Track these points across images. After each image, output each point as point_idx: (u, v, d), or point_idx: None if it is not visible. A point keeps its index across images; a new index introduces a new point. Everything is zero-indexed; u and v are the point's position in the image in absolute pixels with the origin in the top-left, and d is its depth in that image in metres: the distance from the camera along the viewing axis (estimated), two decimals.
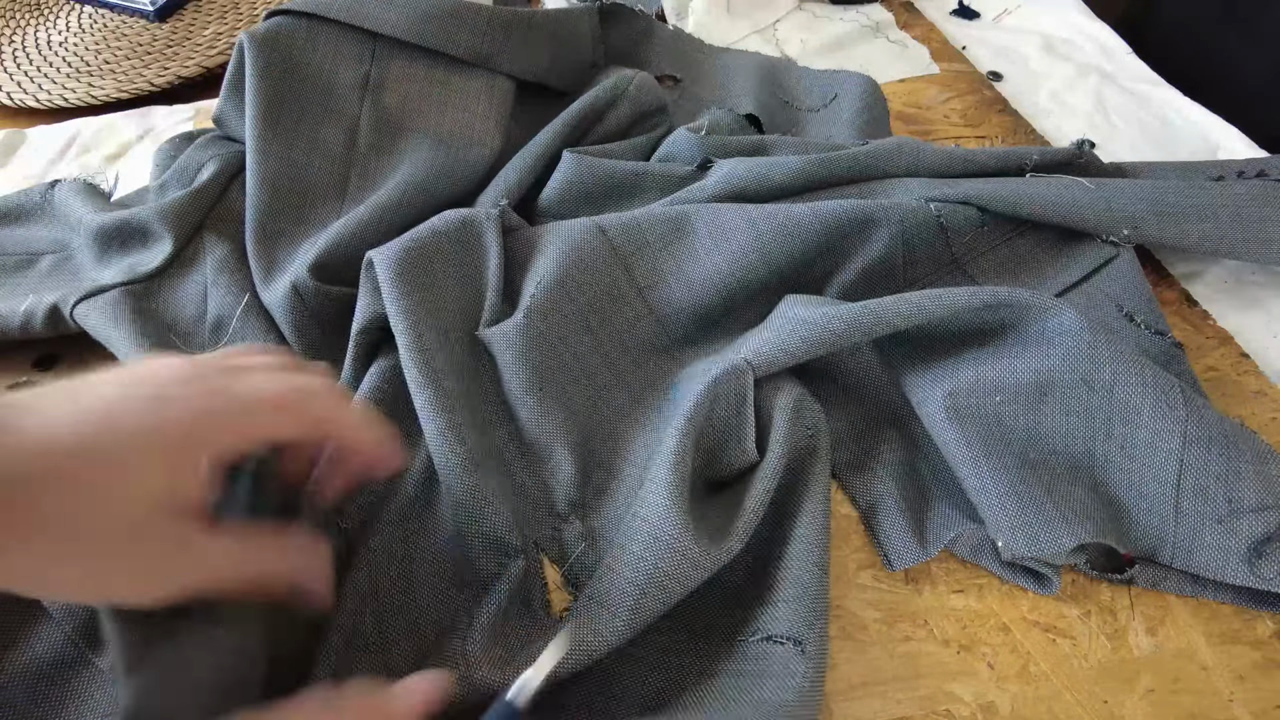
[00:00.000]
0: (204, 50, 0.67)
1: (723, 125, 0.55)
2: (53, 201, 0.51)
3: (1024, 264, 0.48)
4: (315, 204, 0.49)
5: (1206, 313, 0.48)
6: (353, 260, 0.44)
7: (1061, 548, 0.34)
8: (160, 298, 0.45)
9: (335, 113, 0.51)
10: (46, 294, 0.44)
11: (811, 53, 0.70)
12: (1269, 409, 0.43)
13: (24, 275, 0.48)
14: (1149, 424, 0.36)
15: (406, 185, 0.49)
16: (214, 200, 0.50)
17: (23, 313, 0.43)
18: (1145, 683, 0.34)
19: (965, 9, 0.77)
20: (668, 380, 0.42)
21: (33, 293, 0.45)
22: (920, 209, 0.46)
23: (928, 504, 0.39)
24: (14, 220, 0.52)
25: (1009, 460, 0.37)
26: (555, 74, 0.57)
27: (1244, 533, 0.34)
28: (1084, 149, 0.52)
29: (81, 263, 0.48)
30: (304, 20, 0.52)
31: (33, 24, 0.72)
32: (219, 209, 0.50)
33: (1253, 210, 0.47)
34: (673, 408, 0.40)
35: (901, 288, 0.47)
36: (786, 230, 0.44)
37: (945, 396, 0.39)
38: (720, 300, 0.44)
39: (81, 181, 0.52)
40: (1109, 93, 0.66)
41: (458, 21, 0.53)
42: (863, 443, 0.41)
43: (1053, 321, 0.39)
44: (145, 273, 0.45)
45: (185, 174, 0.51)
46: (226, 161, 0.51)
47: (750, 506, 0.34)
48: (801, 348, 0.39)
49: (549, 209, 0.51)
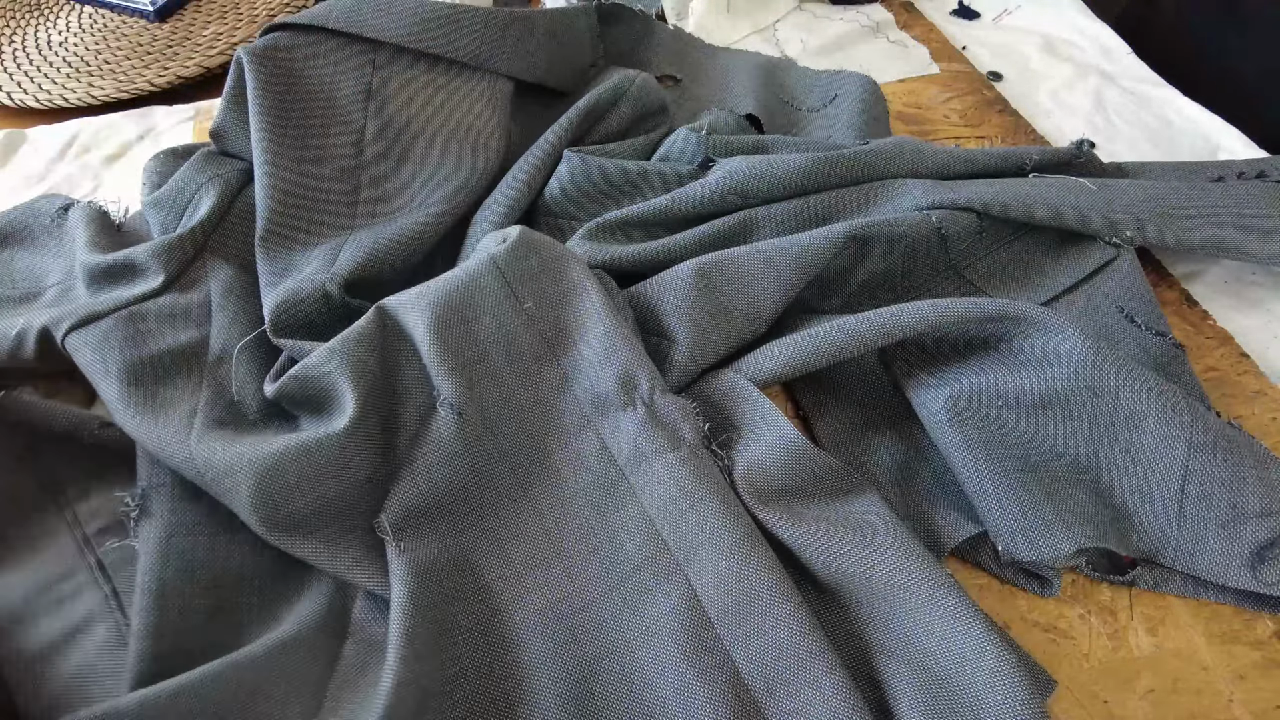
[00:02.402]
0: (204, 50, 0.67)
1: (723, 125, 0.55)
2: (64, 228, 0.51)
3: (1023, 267, 0.49)
4: (327, 212, 0.49)
5: (1206, 313, 0.48)
6: (383, 279, 0.45)
7: (1061, 552, 0.34)
8: (157, 322, 0.43)
9: (340, 123, 0.51)
10: (39, 316, 0.43)
11: (811, 53, 0.70)
12: (1269, 409, 0.43)
13: (29, 306, 0.47)
14: (1154, 429, 0.36)
15: (438, 205, 0.49)
16: (210, 231, 0.48)
17: (14, 336, 0.42)
18: (1145, 683, 0.34)
19: (965, 9, 0.77)
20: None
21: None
22: (922, 222, 0.46)
23: (929, 506, 0.39)
24: (22, 242, 0.51)
25: (1010, 464, 0.37)
26: (554, 74, 0.57)
27: (1247, 537, 0.35)
28: (1084, 149, 0.52)
29: (79, 295, 0.47)
30: (302, 34, 0.52)
31: (33, 24, 0.72)
32: (222, 230, 0.49)
33: (1254, 211, 0.47)
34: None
35: (900, 296, 0.47)
36: (803, 262, 0.43)
37: (947, 400, 0.39)
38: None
39: (95, 209, 0.51)
40: (1109, 93, 0.66)
41: (456, 24, 0.53)
42: (861, 445, 0.41)
43: (1054, 338, 0.38)
44: (140, 294, 0.44)
45: (182, 195, 0.50)
46: (226, 184, 0.50)
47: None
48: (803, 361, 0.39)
49: (551, 208, 0.51)
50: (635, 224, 0.49)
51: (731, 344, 0.41)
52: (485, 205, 0.50)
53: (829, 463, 0.37)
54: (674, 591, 0.34)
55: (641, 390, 0.38)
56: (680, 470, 0.35)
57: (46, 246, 0.51)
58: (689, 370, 0.40)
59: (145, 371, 0.40)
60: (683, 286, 0.42)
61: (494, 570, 0.36)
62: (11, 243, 0.51)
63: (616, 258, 0.46)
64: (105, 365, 0.40)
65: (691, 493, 0.35)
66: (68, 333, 0.42)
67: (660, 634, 0.33)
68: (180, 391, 0.40)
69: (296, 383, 0.38)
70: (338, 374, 0.37)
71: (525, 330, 0.39)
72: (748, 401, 0.39)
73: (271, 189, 0.48)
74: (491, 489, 0.37)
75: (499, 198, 0.50)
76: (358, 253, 0.46)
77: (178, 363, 0.42)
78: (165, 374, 0.41)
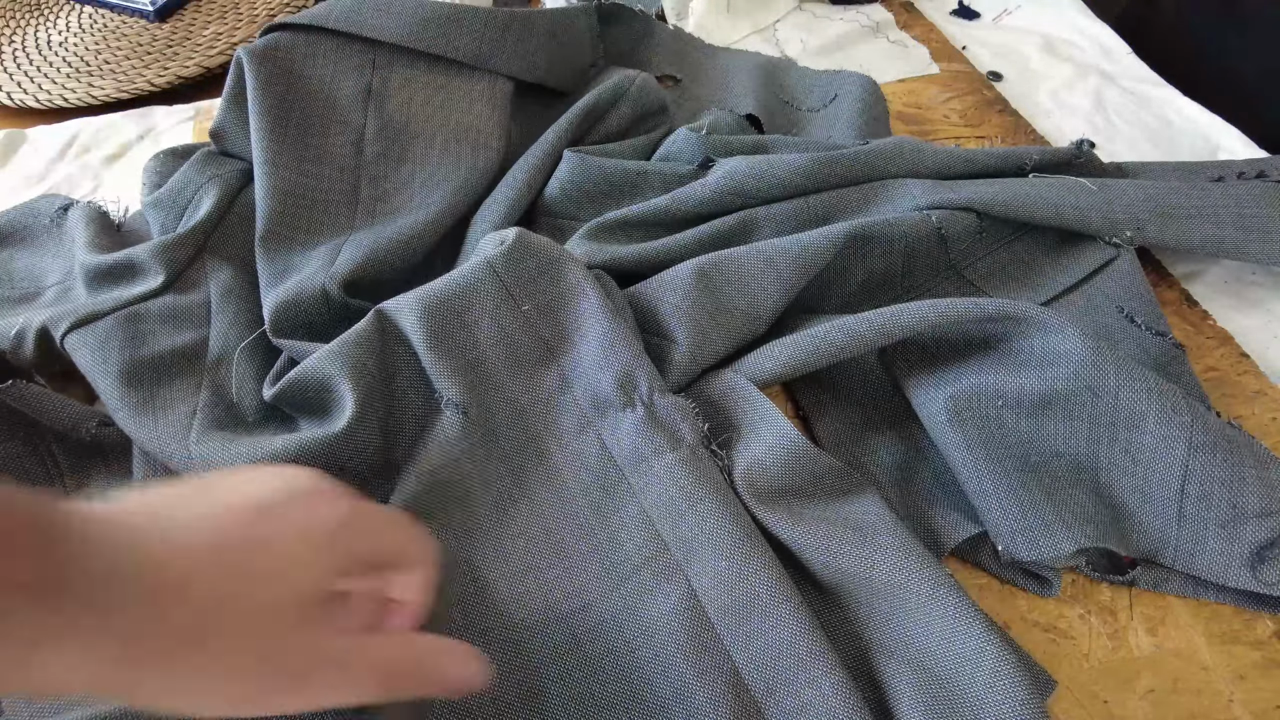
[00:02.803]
0: (204, 50, 0.67)
1: (723, 125, 0.55)
2: (63, 228, 0.51)
3: (1023, 266, 0.49)
4: (327, 213, 0.49)
5: (1206, 313, 0.48)
6: (381, 279, 0.45)
7: (1061, 552, 0.34)
8: (156, 323, 0.43)
9: (340, 123, 0.51)
10: (38, 315, 0.43)
11: (811, 53, 0.70)
12: (1269, 409, 0.43)
13: (29, 306, 0.47)
14: (1154, 429, 0.36)
15: (437, 205, 0.49)
16: (210, 232, 0.48)
17: (13, 335, 0.42)
18: (1145, 683, 0.34)
19: (965, 9, 0.77)
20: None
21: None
22: (922, 222, 0.46)
23: (929, 506, 0.39)
24: (21, 242, 0.51)
25: (1010, 464, 0.37)
26: (554, 74, 0.57)
27: (1247, 538, 0.35)
28: (1084, 149, 0.52)
29: (78, 295, 0.47)
30: (301, 34, 0.52)
31: (33, 24, 0.72)
32: (222, 230, 0.49)
33: (1254, 211, 0.47)
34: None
35: (900, 296, 0.47)
36: (803, 262, 0.43)
37: (947, 400, 0.39)
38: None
39: (94, 209, 0.51)
40: (1109, 93, 0.66)
41: (456, 24, 0.53)
42: (861, 445, 0.41)
43: (1054, 338, 0.38)
44: (140, 294, 0.44)
45: (182, 195, 0.50)
46: (226, 185, 0.50)
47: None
48: (802, 361, 0.39)
49: (551, 208, 0.51)
50: (635, 224, 0.49)
51: (732, 344, 0.41)
52: (485, 205, 0.50)
53: (829, 463, 0.37)
54: (674, 592, 0.33)
55: (641, 391, 0.38)
56: (679, 471, 0.35)
57: (46, 246, 0.51)
58: (689, 370, 0.40)
59: (145, 372, 0.40)
60: (683, 286, 0.42)
61: (494, 570, 0.36)
62: (11, 242, 0.51)
63: (616, 258, 0.46)
64: (104, 365, 0.40)
65: (691, 493, 0.35)
66: (67, 332, 0.41)
67: (660, 634, 0.33)
68: (180, 392, 0.40)
69: (295, 385, 0.38)
70: (337, 375, 0.37)
71: (524, 333, 0.39)
72: (748, 401, 0.39)
73: (271, 189, 0.48)
74: (493, 489, 0.37)
75: (499, 198, 0.50)
76: (357, 253, 0.46)
77: (177, 364, 0.42)
78: (165, 375, 0.41)
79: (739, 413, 0.39)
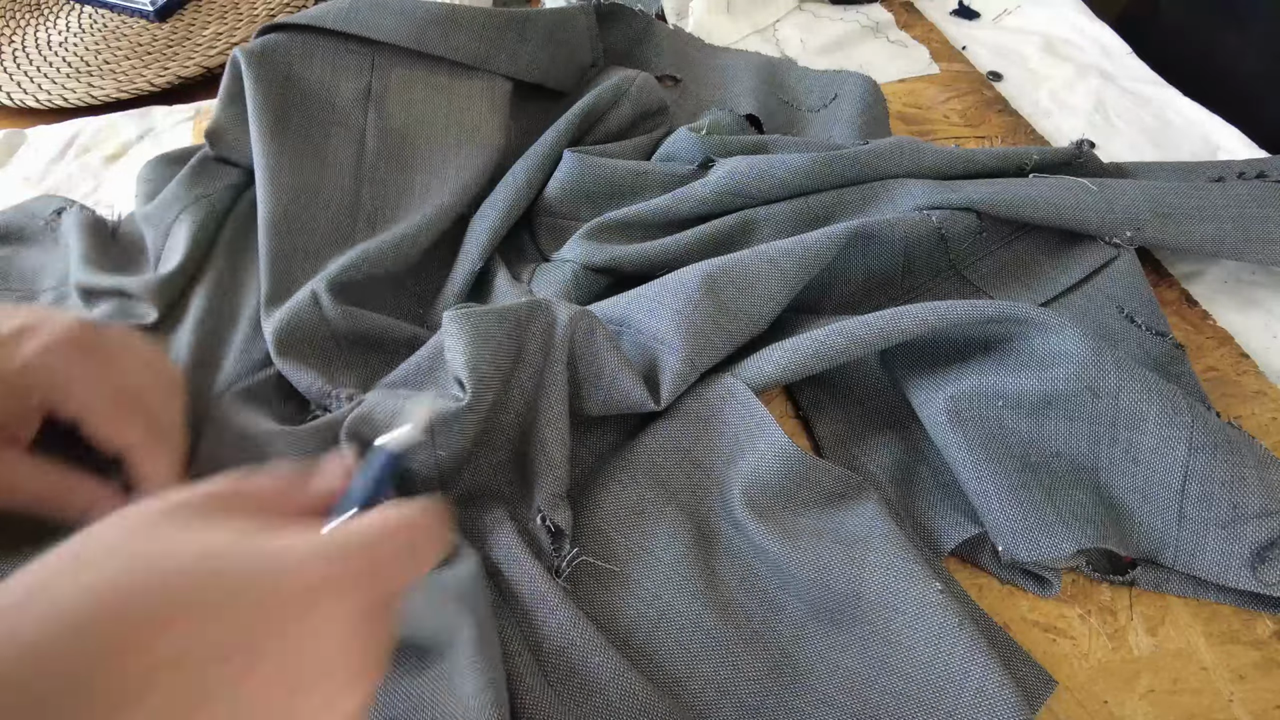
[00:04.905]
0: (204, 50, 0.67)
1: (723, 125, 0.55)
2: (57, 232, 0.50)
3: (1023, 266, 0.49)
4: (329, 219, 0.48)
5: (1206, 313, 0.48)
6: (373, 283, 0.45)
7: (1062, 553, 0.34)
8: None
9: (340, 125, 0.51)
10: None
11: (811, 53, 0.70)
12: (1269, 409, 0.43)
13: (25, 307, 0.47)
14: (1155, 430, 0.36)
15: (435, 207, 0.48)
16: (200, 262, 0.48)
17: None
18: (1145, 683, 0.34)
19: (965, 9, 0.77)
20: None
21: None
22: (922, 222, 0.46)
23: (929, 506, 0.39)
24: (17, 242, 0.51)
25: (1010, 464, 0.37)
26: (554, 74, 0.57)
27: (1247, 538, 0.35)
28: (1084, 149, 0.52)
29: (74, 305, 0.46)
30: (298, 35, 0.51)
31: (33, 24, 0.72)
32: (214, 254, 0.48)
33: (1254, 211, 0.47)
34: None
35: (900, 296, 0.47)
36: (806, 262, 0.43)
37: (947, 400, 0.39)
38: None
39: (88, 216, 0.50)
40: (1109, 93, 0.66)
41: (455, 24, 0.53)
42: (861, 445, 0.41)
43: (1055, 338, 0.38)
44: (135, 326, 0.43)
45: (167, 214, 0.49)
46: (211, 207, 0.49)
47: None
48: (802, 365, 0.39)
49: (551, 208, 0.51)
50: (635, 224, 0.49)
51: (732, 346, 0.41)
52: (485, 206, 0.50)
53: (825, 468, 0.37)
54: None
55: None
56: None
57: (41, 248, 0.51)
58: (688, 376, 0.40)
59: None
60: (688, 294, 0.41)
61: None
62: (7, 243, 0.51)
63: (616, 258, 0.46)
64: None
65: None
66: None
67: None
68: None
69: (367, 422, 0.37)
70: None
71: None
72: (744, 408, 0.39)
73: (273, 198, 0.47)
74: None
75: (498, 198, 0.50)
76: (351, 253, 0.45)
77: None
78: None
79: (734, 420, 0.39)
